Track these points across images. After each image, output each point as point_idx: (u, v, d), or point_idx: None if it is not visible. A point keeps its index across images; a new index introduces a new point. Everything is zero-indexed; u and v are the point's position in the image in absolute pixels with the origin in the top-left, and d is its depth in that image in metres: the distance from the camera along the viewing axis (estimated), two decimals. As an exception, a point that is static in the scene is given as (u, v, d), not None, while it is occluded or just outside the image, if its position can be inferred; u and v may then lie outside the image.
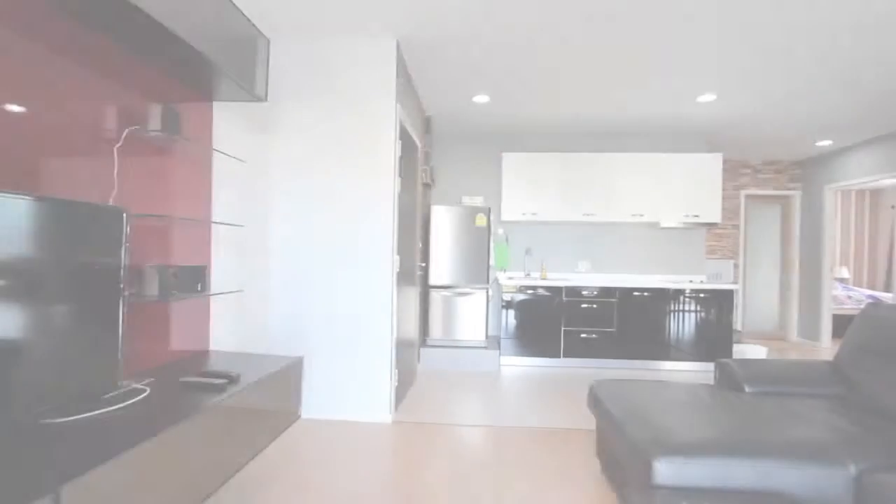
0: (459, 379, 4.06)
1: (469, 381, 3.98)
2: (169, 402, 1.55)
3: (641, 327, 4.57)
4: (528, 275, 5.14)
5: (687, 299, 4.57)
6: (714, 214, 4.76)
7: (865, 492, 1.50)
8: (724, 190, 6.24)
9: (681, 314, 4.57)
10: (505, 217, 4.89)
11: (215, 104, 2.48)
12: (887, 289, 7.06)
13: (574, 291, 4.57)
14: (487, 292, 4.50)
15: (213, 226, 2.47)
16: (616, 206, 4.82)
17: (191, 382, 1.75)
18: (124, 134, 1.79)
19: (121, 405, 1.45)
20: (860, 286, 7.28)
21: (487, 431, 2.88)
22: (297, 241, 3.03)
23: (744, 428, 1.74)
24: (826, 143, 5.39)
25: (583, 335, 4.56)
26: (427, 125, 4.56)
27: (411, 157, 3.66)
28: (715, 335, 4.55)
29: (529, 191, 4.87)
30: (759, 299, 6.45)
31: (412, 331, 3.81)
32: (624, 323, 4.56)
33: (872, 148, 5.21)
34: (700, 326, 4.56)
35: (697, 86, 3.74)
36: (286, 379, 2.13)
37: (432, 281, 4.51)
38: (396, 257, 3.06)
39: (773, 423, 1.80)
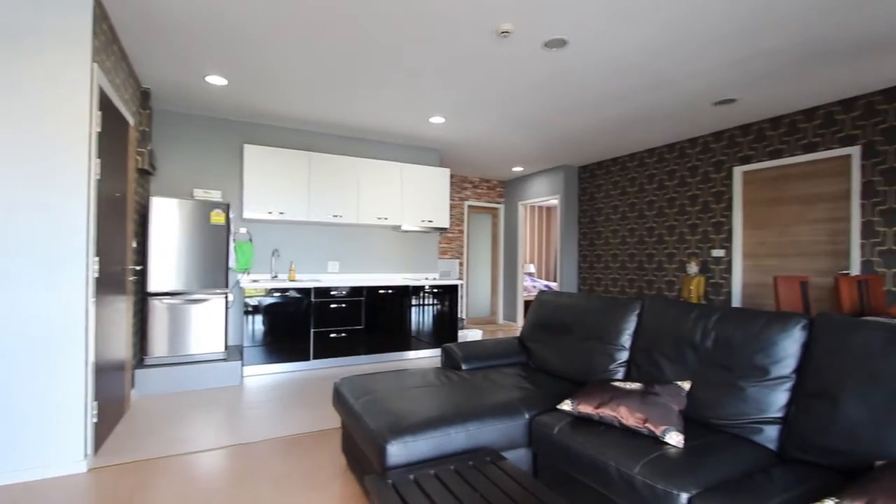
0: (191, 399, 3.50)
1: (204, 400, 3.48)
2: None
3: (387, 322, 4.92)
4: (276, 277, 4.86)
5: (424, 294, 5.17)
6: (444, 220, 5.55)
7: (532, 430, 2.00)
8: (452, 200, 7.37)
9: (419, 308, 5.14)
10: (248, 215, 4.49)
11: None
12: (555, 279, 9.69)
13: (323, 292, 4.56)
14: (227, 297, 4.04)
15: None
16: (364, 209, 5.06)
17: None
18: None
19: None
20: (541, 278, 9.74)
21: (226, 453, 2.57)
22: None
23: (458, 401, 2.07)
24: (519, 169, 7.00)
25: (332, 335, 4.60)
26: (144, 100, 3.77)
27: (119, 135, 2.96)
28: (446, 324, 5.30)
29: (277, 188, 4.61)
30: (478, 291, 7.87)
31: (121, 350, 3.08)
32: (371, 320, 4.82)
33: (546, 176, 7.05)
34: (435, 317, 5.23)
35: (429, 108, 4.29)
36: None
37: (153, 287, 3.75)
38: (94, 259, 2.41)
39: (479, 392, 2.21)
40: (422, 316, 5.15)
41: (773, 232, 4.46)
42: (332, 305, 4.60)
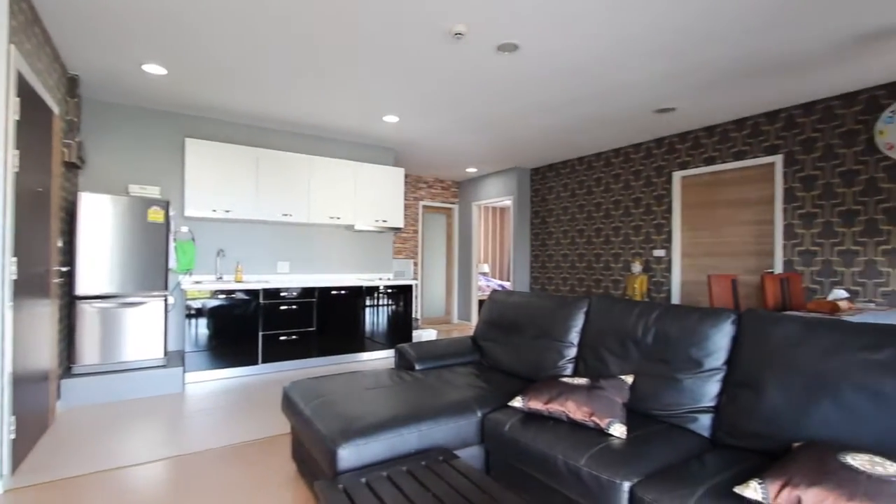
0: (126, 409, 3.27)
1: (140, 410, 3.26)
2: None
3: (340, 324, 4.83)
4: (221, 278, 4.64)
5: (379, 295, 5.11)
6: (398, 220, 5.51)
7: (484, 428, 2.03)
8: (406, 200, 7.34)
9: (374, 308, 5.07)
10: (190, 213, 4.26)
11: None
12: (509, 279, 9.88)
13: (272, 293, 4.41)
14: (166, 300, 3.81)
15: None
16: (315, 208, 4.94)
17: None
18: None
19: None
20: (496, 278, 9.90)
21: (166, 465, 2.42)
22: None
23: (411, 401, 2.06)
24: (473, 170, 7.08)
25: (282, 338, 4.45)
26: (71, 87, 3.49)
27: (42, 124, 2.72)
28: (400, 324, 5.27)
29: (222, 185, 4.40)
30: (433, 291, 7.88)
31: (44, 358, 2.83)
32: (324, 321, 4.71)
33: (499, 177, 7.17)
34: (389, 318, 5.19)
35: (383, 106, 4.24)
36: None
37: (81, 290, 3.47)
38: (12, 259, 2.20)
39: (433, 392, 2.21)
40: (376, 317, 5.09)
41: (707, 233, 4.78)
42: (282, 307, 4.45)
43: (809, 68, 3.33)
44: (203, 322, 4.06)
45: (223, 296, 4.16)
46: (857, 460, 1.21)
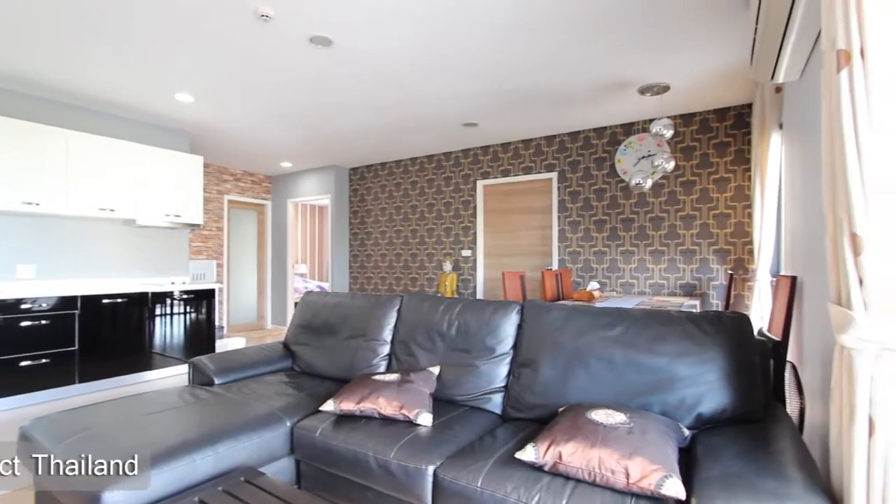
0: None
1: None
2: None
3: (117, 339, 3.97)
4: (-85, 288, 3.34)
5: (174, 302, 4.39)
6: (196, 216, 4.82)
7: (294, 437, 1.93)
8: (208, 193, 6.47)
9: (165, 318, 4.33)
10: None
11: None
12: (328, 280, 9.61)
13: (7, 306, 3.36)
14: None
15: None
16: (78, 196, 3.94)
17: None
18: None
19: None
20: (314, 279, 9.50)
21: None
22: None
23: (206, 421, 1.83)
24: (288, 164, 6.67)
25: (25, 363, 3.43)
26: None
27: None
28: (201, 334, 4.61)
29: (-85, 159, 3.16)
30: (242, 295, 7.14)
31: None
32: (92, 338, 3.80)
33: (316, 174, 6.92)
34: (187, 328, 4.49)
35: (175, 82, 3.66)
36: None
37: None
38: None
39: (234, 407, 2.00)
40: (168, 328, 4.35)
41: (505, 236, 5.49)
42: (24, 323, 3.43)
43: (573, 104, 4.12)
44: None
45: (-83, 313, 2.99)
46: (599, 415, 1.54)
